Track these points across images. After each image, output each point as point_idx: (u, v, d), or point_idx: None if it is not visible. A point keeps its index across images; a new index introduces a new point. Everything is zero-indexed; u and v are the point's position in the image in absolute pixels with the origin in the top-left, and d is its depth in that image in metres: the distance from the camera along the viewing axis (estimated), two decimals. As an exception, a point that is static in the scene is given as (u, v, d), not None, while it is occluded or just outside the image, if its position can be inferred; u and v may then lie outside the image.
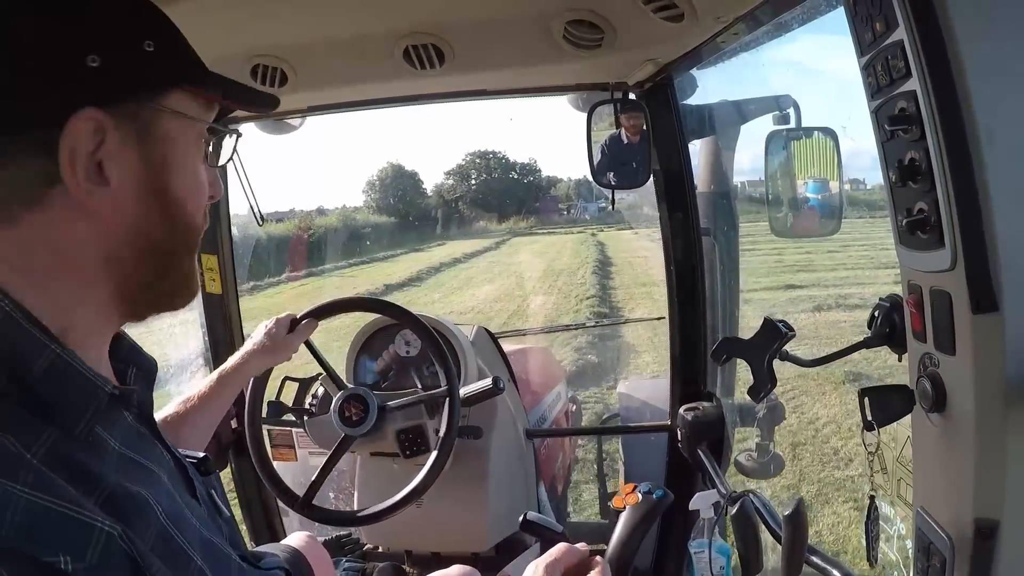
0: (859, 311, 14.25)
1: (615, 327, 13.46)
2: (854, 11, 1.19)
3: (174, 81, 0.98)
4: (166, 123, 0.96)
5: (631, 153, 2.42)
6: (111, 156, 0.90)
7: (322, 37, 2.00)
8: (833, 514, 6.28)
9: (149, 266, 0.98)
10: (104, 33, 0.92)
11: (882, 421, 1.30)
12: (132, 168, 0.93)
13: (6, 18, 0.87)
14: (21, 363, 0.85)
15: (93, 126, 0.88)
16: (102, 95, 0.90)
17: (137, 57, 0.94)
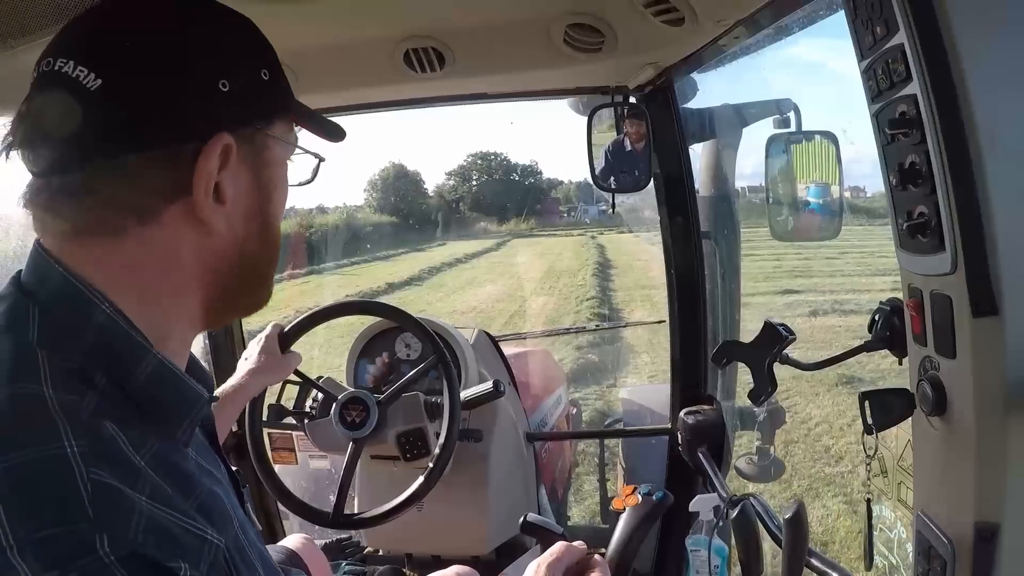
0: (854, 316, 14.32)
1: (614, 326, 13.49)
2: (854, 14, 1.19)
3: (282, 109, 1.05)
4: (273, 148, 1.03)
5: (632, 157, 2.41)
6: (230, 177, 0.96)
7: (323, 41, 2.00)
8: (823, 507, 6.42)
9: (241, 279, 1.03)
10: (234, 59, 0.99)
11: (882, 425, 1.31)
12: (245, 189, 1.00)
13: (163, 36, 0.93)
14: (121, 367, 0.88)
15: (222, 147, 0.93)
16: (232, 118, 0.96)
17: (257, 85, 1.00)
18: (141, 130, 0.90)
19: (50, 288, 0.89)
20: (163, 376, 0.91)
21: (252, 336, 2.40)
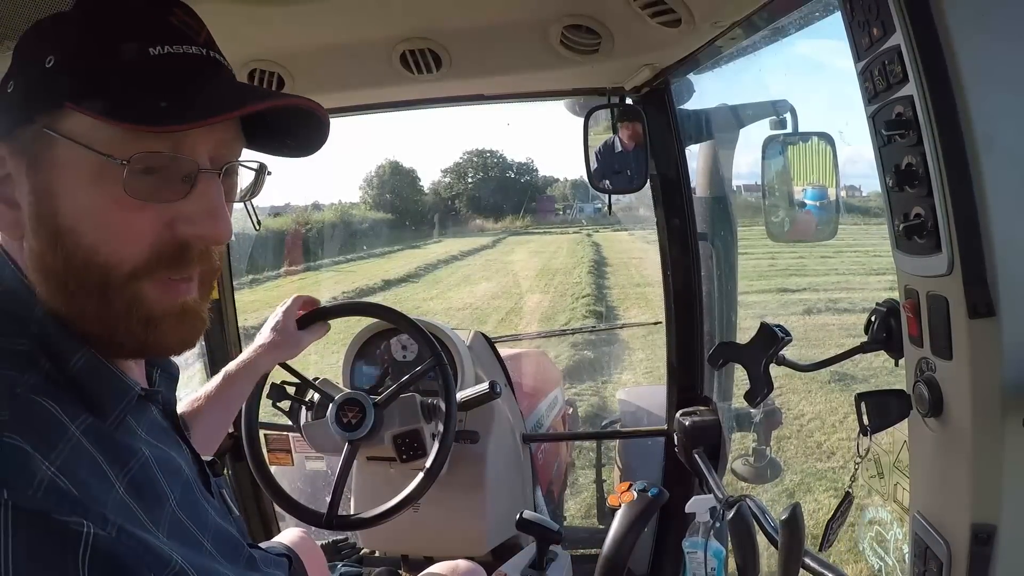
0: (848, 315, 14.36)
1: (611, 327, 13.52)
2: (851, 16, 1.19)
3: (73, 98, 0.90)
4: (58, 147, 0.92)
5: (628, 158, 2.41)
6: (13, 180, 0.94)
7: (319, 42, 2.00)
8: (814, 501, 6.48)
9: (61, 302, 0.94)
10: (19, 61, 0.97)
11: (879, 426, 1.31)
12: (26, 194, 0.93)
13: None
14: (61, 357, 0.92)
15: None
16: (6, 119, 0.93)
17: (37, 77, 0.94)
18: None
19: (2, 284, 0.95)
20: (95, 368, 0.94)
21: (246, 334, 2.38)
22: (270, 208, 26.09)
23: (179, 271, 0.98)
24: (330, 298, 16.83)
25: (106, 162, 0.89)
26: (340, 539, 3.00)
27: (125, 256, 0.93)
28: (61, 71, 0.92)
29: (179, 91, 0.93)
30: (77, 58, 0.93)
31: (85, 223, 0.92)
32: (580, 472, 6.68)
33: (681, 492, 2.54)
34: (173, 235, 0.95)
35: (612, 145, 2.42)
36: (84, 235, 0.92)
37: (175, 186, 0.94)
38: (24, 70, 0.95)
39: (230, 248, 3.08)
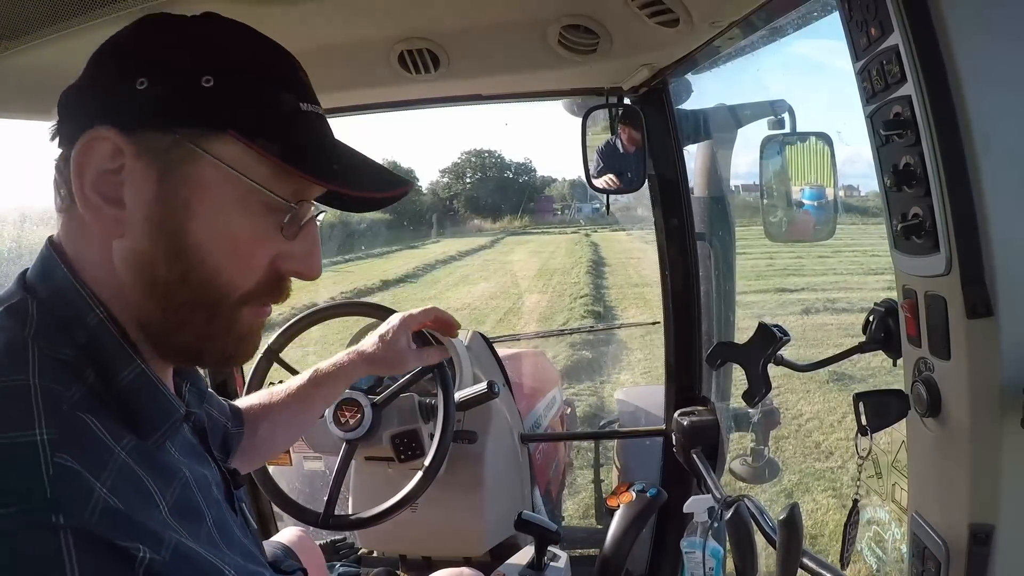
0: (846, 315, 14.37)
1: (609, 327, 13.54)
2: (849, 16, 1.19)
3: (228, 125, 0.94)
4: (199, 164, 0.94)
5: (626, 158, 2.41)
6: (128, 180, 0.93)
7: (317, 42, 1.99)
8: (812, 501, 6.50)
9: (156, 304, 0.97)
10: (161, 59, 0.96)
11: (877, 426, 1.31)
12: (148, 199, 0.94)
13: (112, 40, 1.01)
14: (110, 369, 0.91)
15: (104, 146, 0.92)
16: (133, 118, 0.92)
17: (188, 90, 0.94)
18: (65, 116, 0.98)
19: (51, 286, 0.95)
20: (143, 386, 0.94)
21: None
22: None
23: (272, 299, 1.05)
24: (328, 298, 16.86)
25: (252, 193, 0.96)
26: (338, 539, 3.00)
27: (240, 283, 0.99)
28: (223, 98, 0.94)
29: (341, 156, 1.05)
30: (243, 92, 0.96)
31: (214, 244, 0.96)
32: (578, 472, 6.69)
33: (679, 492, 2.54)
34: (275, 269, 1.03)
35: (610, 145, 2.42)
36: (210, 255, 0.96)
37: (294, 227, 1.02)
38: (169, 78, 0.94)
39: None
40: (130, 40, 1.00)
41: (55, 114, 0.99)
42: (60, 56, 1.89)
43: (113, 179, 0.93)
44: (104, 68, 0.98)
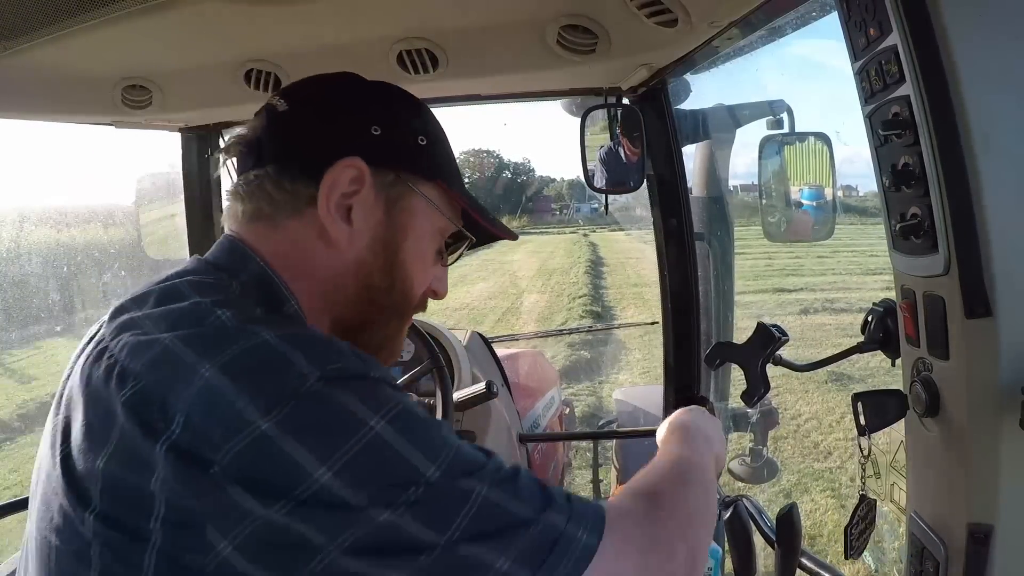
0: (845, 315, 14.41)
1: (607, 327, 13.55)
2: (848, 16, 1.19)
3: (434, 176, 1.23)
4: (413, 200, 1.20)
5: (625, 158, 2.41)
6: (361, 202, 1.15)
7: (316, 42, 1.99)
8: (811, 501, 6.50)
9: (359, 308, 1.19)
10: (393, 117, 1.23)
11: (876, 426, 1.31)
12: (376, 220, 1.17)
13: (342, 89, 1.27)
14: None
15: (355, 170, 1.13)
16: (373, 154, 1.15)
17: (409, 143, 1.21)
18: (299, 144, 1.17)
19: (249, 273, 1.11)
20: None
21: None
22: (267, 208, 26.09)
23: (420, 310, 1.31)
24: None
25: (439, 227, 1.27)
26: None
27: (417, 295, 1.27)
28: (433, 155, 1.24)
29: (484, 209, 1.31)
30: (444, 153, 1.27)
31: (414, 263, 1.23)
32: (577, 472, 6.70)
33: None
34: (429, 287, 1.30)
35: (609, 145, 2.42)
36: (410, 271, 1.22)
37: (449, 256, 1.36)
38: (396, 131, 1.21)
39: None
40: (361, 94, 1.28)
41: (55, 114, 1.04)
42: (59, 56, 1.89)
43: (346, 202, 1.14)
44: (344, 114, 1.20)
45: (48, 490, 0.94)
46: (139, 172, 3.51)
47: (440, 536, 0.85)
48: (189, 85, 2.25)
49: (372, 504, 0.83)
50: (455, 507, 0.87)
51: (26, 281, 11.38)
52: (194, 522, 0.82)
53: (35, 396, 11.33)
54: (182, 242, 3.09)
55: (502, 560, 0.87)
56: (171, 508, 0.82)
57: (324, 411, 0.86)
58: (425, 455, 0.87)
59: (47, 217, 12.08)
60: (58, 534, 0.90)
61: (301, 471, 0.81)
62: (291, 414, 0.83)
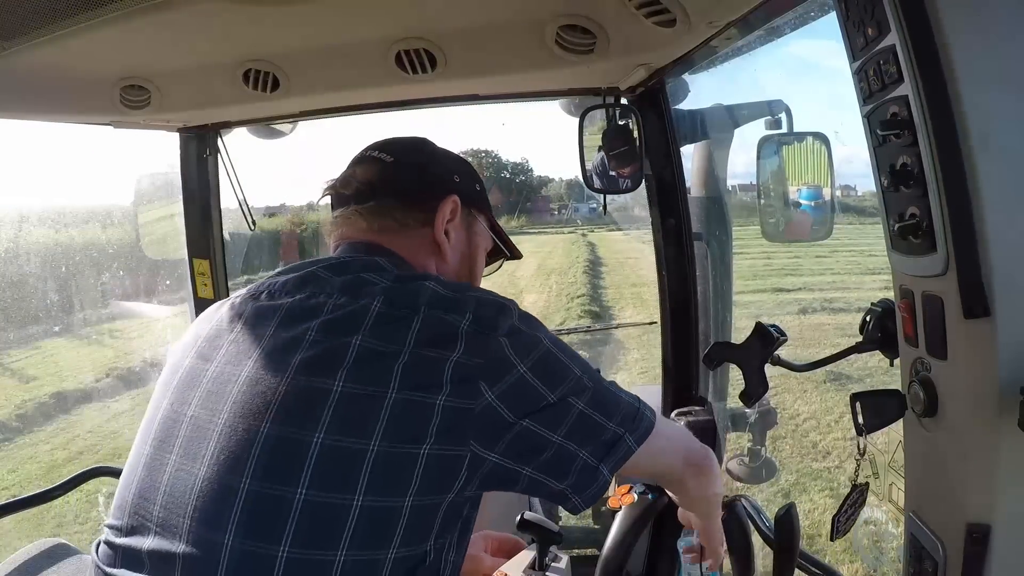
0: (843, 315, 14.38)
1: (606, 327, 13.54)
2: (846, 16, 1.19)
3: (485, 211, 1.73)
4: (478, 227, 1.70)
5: (623, 158, 2.41)
6: (454, 227, 1.62)
7: (315, 42, 1.99)
8: (809, 501, 6.48)
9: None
10: (461, 169, 1.70)
11: (874, 426, 1.31)
12: (462, 239, 1.65)
13: (425, 146, 1.71)
14: None
15: (452, 203, 1.60)
16: (459, 194, 1.62)
17: (473, 187, 1.70)
18: (411, 187, 1.60)
19: (394, 263, 1.48)
20: None
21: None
22: (265, 208, 26.15)
23: None
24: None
25: (487, 246, 1.76)
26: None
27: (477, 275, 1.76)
28: (484, 196, 1.73)
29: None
30: (485, 195, 1.74)
31: (478, 268, 1.74)
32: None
33: (676, 492, 2.53)
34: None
35: (607, 145, 2.42)
36: (477, 273, 1.73)
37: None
38: (465, 180, 1.68)
39: (225, 248, 3.08)
40: (440, 152, 1.72)
41: (53, 114, 1.06)
42: (58, 56, 1.89)
43: (447, 225, 1.60)
44: (435, 166, 1.66)
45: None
46: (137, 172, 3.51)
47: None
48: (188, 85, 2.25)
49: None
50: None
51: (25, 281, 11.39)
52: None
53: (34, 396, 11.33)
54: (180, 242, 3.09)
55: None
56: None
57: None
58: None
59: (46, 217, 12.09)
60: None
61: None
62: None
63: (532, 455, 1.31)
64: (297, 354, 1.28)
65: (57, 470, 8.69)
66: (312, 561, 1.16)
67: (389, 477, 1.20)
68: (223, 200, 3.05)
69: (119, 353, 13.65)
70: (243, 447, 1.22)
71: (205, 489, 1.22)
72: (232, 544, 1.17)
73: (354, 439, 1.20)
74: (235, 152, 2.95)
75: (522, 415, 1.28)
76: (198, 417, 1.31)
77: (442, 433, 1.23)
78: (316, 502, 1.17)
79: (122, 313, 13.74)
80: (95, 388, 12.01)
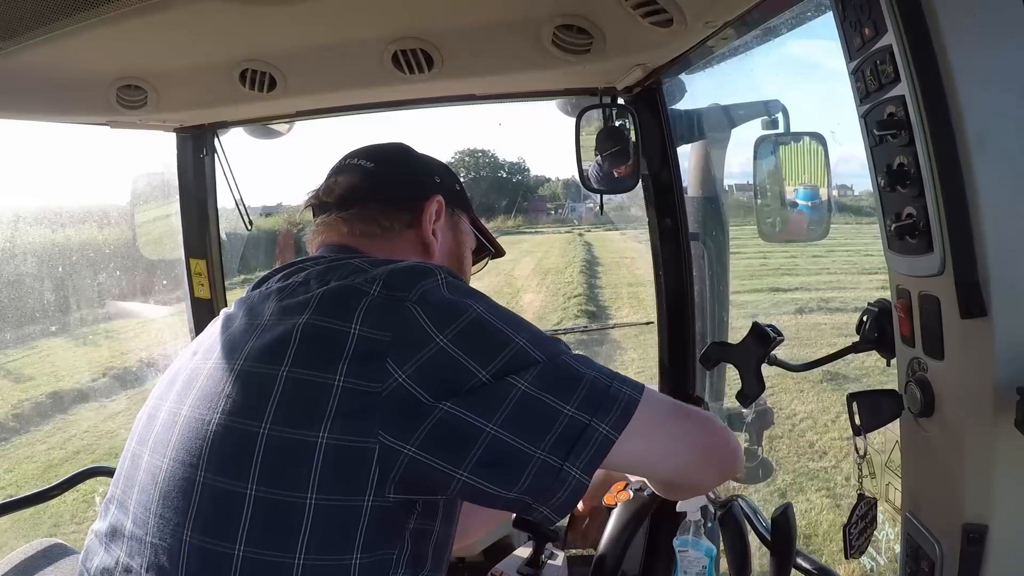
0: (840, 314, 14.39)
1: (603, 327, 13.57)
2: (843, 16, 1.19)
3: (468, 210, 1.77)
4: (462, 225, 1.73)
5: (620, 158, 2.41)
6: (441, 226, 1.64)
7: (311, 42, 1.99)
8: (806, 501, 6.48)
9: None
10: (441, 172, 1.74)
11: (871, 426, 1.31)
12: (449, 237, 1.67)
13: (405, 152, 1.75)
14: None
15: (436, 204, 1.63)
16: (443, 193, 1.65)
17: (453, 188, 1.73)
18: (392, 189, 1.62)
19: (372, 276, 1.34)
20: None
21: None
22: (262, 208, 26.18)
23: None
24: (322, 298, 16.70)
25: (471, 243, 1.78)
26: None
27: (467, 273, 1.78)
28: (463, 196, 1.77)
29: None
30: (465, 195, 1.78)
31: (466, 264, 1.76)
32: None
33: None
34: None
35: (604, 145, 2.42)
36: (466, 270, 1.76)
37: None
38: (445, 180, 1.72)
39: (222, 248, 3.08)
40: (420, 156, 1.76)
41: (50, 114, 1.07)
42: (54, 56, 1.89)
43: (433, 225, 1.62)
44: (417, 169, 1.71)
45: None
46: (134, 172, 3.50)
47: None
48: (184, 85, 2.25)
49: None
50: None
51: (21, 281, 11.36)
52: None
53: (30, 396, 11.33)
54: (177, 242, 3.08)
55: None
56: None
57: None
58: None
59: (42, 217, 12.06)
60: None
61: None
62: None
63: (460, 449, 1.12)
64: (248, 343, 1.25)
65: (54, 470, 8.70)
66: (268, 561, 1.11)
67: (278, 467, 1.12)
68: (220, 200, 3.05)
69: (115, 353, 13.66)
70: (199, 437, 1.19)
71: (167, 482, 1.20)
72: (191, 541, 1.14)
73: (251, 422, 1.13)
74: (232, 152, 2.94)
75: (440, 396, 1.12)
76: (171, 411, 1.29)
77: (340, 419, 1.11)
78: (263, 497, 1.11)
79: (119, 313, 13.73)
80: (91, 388, 12.02)
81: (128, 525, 1.24)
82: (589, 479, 1.16)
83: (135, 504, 1.24)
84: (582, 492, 1.16)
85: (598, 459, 1.16)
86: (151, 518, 1.19)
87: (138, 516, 1.23)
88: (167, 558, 1.15)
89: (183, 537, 1.13)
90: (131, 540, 1.23)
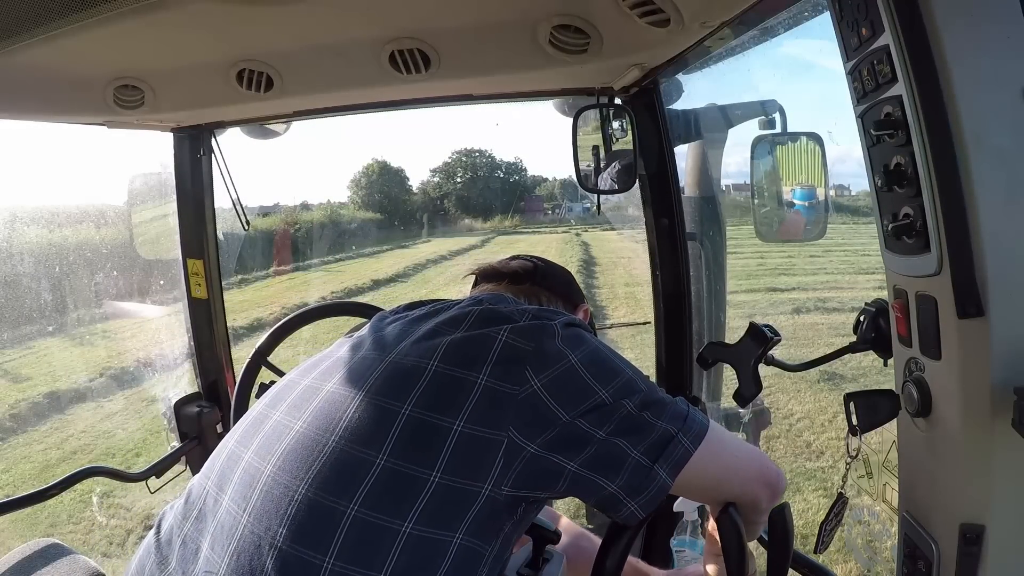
0: (837, 314, 14.37)
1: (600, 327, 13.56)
2: (840, 16, 1.19)
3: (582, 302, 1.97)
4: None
5: (617, 158, 2.41)
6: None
7: (309, 42, 1.99)
8: (803, 501, 6.46)
9: None
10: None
11: (868, 426, 1.31)
12: None
13: (563, 271, 1.96)
14: None
15: (584, 314, 1.92)
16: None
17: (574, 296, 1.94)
18: (560, 287, 1.89)
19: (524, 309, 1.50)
20: None
21: (235, 333, 2.38)
22: (259, 208, 26.15)
23: None
24: (319, 298, 16.81)
25: None
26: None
27: None
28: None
29: None
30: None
31: None
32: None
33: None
34: None
35: (601, 145, 2.42)
36: None
37: None
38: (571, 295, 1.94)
39: (219, 248, 3.08)
40: (561, 274, 1.94)
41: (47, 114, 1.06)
42: (51, 56, 1.89)
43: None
44: (563, 283, 1.92)
45: None
46: (131, 172, 3.50)
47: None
48: (181, 85, 2.24)
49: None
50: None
51: (18, 281, 11.35)
52: None
53: (27, 396, 11.30)
54: (174, 242, 3.08)
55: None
56: None
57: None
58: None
59: (39, 217, 12.05)
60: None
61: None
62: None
63: (576, 449, 1.30)
64: (400, 345, 1.44)
65: (51, 470, 8.68)
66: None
67: (412, 443, 1.26)
68: (217, 200, 3.05)
69: (112, 353, 13.62)
70: (338, 411, 1.35)
71: (270, 487, 1.29)
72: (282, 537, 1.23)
73: (395, 403, 1.30)
74: (229, 152, 2.95)
75: (567, 408, 1.30)
76: (279, 422, 1.40)
77: (478, 412, 1.27)
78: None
79: (116, 313, 13.69)
80: (89, 388, 11.99)
81: (220, 514, 1.33)
82: (672, 482, 1.34)
83: (229, 498, 1.33)
84: (664, 493, 1.34)
85: (679, 467, 1.34)
86: (245, 514, 1.28)
87: (231, 509, 1.31)
88: (254, 551, 1.23)
89: (299, 489, 1.25)
90: (217, 528, 1.31)
